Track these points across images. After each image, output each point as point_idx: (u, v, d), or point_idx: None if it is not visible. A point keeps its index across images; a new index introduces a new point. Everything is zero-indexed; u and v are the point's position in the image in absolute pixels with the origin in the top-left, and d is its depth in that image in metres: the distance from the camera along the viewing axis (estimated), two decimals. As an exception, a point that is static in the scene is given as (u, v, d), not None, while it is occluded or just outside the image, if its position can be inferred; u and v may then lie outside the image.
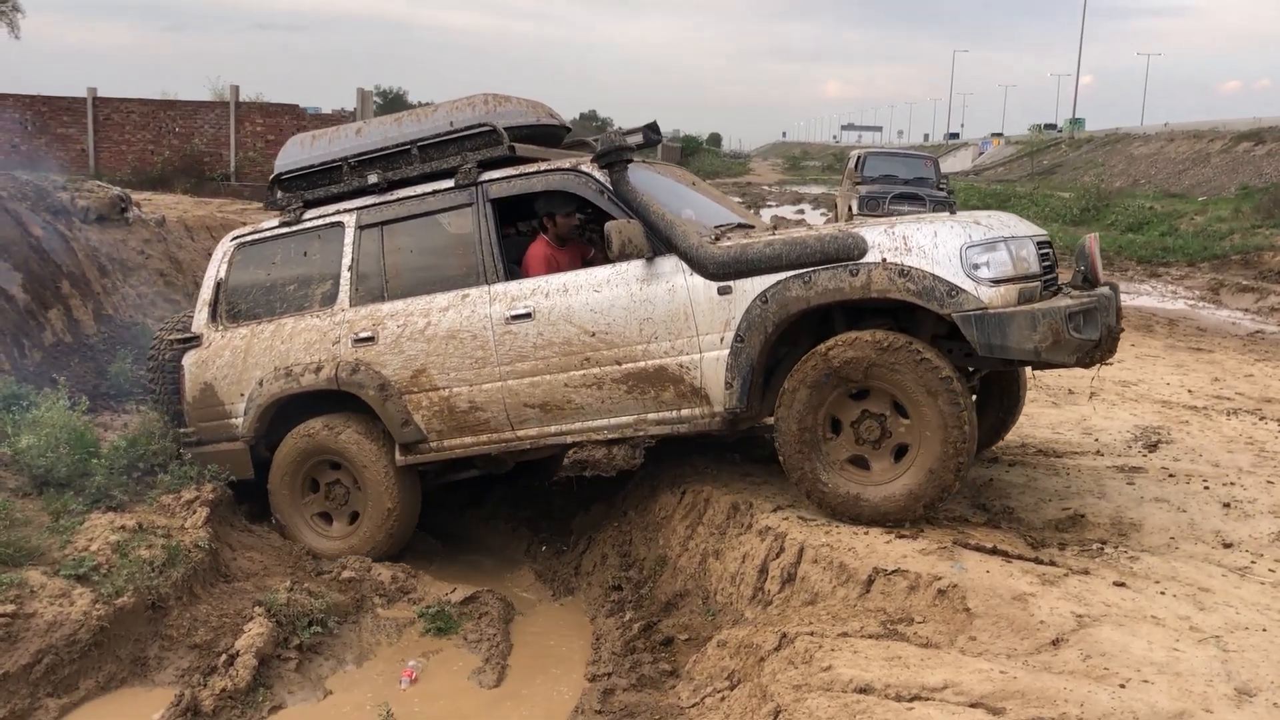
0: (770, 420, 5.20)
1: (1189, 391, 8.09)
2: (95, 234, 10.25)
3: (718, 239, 5.25)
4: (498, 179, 5.70)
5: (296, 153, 6.31)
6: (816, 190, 46.98)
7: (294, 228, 6.22)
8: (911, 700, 3.52)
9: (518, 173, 5.68)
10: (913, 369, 4.68)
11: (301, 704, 4.75)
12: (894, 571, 4.39)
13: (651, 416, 5.36)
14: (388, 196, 5.97)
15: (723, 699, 4.23)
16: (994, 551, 4.54)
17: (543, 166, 5.66)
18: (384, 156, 5.98)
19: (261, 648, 4.78)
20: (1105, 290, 5.11)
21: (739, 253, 5.06)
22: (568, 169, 5.58)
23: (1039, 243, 5.02)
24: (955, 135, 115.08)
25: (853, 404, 4.93)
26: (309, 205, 6.23)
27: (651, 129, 6.11)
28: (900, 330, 4.85)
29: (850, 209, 19.66)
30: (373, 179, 5.98)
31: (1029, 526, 5.09)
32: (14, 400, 6.64)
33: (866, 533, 4.78)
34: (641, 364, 5.28)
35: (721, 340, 5.09)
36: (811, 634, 4.11)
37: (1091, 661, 3.63)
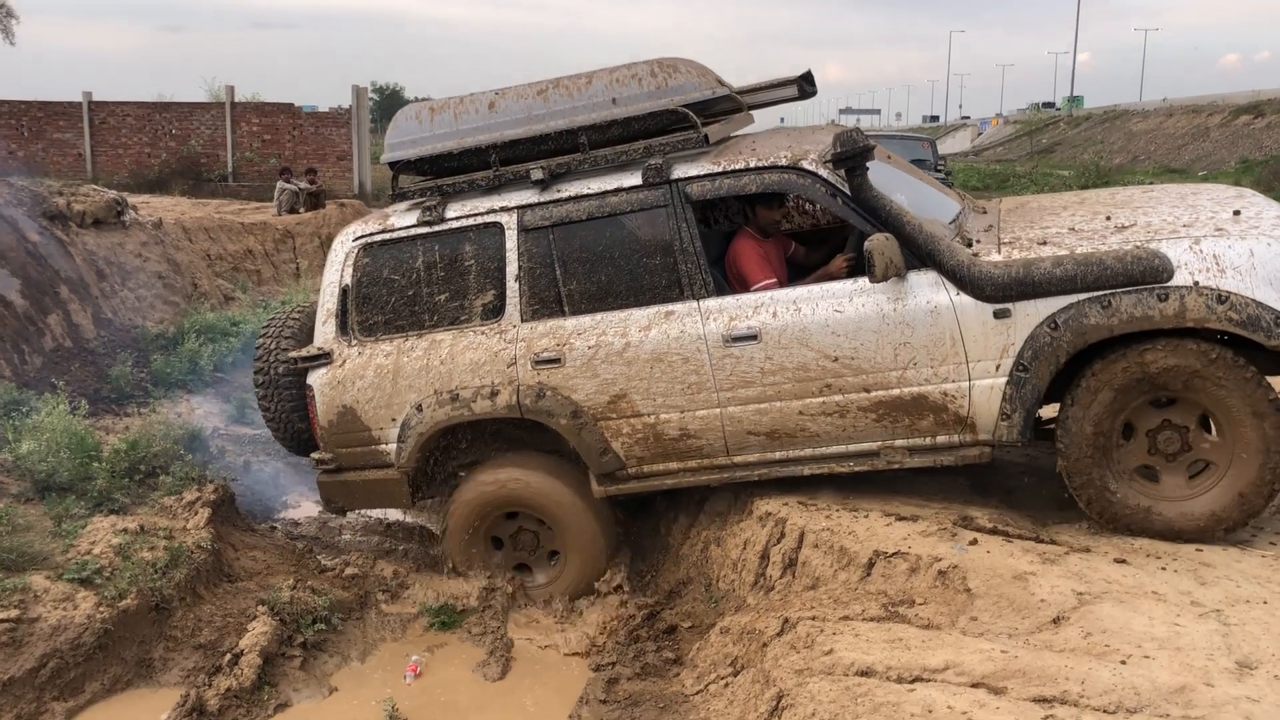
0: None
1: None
2: (92, 238, 10.26)
3: (972, 247, 4.73)
4: (698, 177, 5.00)
5: (414, 129, 5.43)
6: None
7: (436, 227, 5.35)
8: (913, 682, 3.52)
9: (723, 170, 4.98)
10: (1241, 387, 4.29)
11: (307, 701, 4.76)
12: (894, 554, 4.39)
13: (901, 444, 4.82)
14: (553, 193, 5.19)
15: (726, 685, 4.24)
16: (994, 531, 4.54)
17: (753, 163, 4.95)
18: (531, 141, 5.25)
19: (266, 646, 4.79)
20: None
21: (1022, 273, 4.49)
22: (788, 167, 4.88)
23: None
24: (935, 118, 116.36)
25: (1154, 412, 4.52)
26: (447, 198, 5.43)
27: (807, 79, 5.65)
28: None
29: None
30: (537, 175, 5.21)
31: (1029, 506, 5.08)
32: (15, 406, 6.66)
33: (866, 516, 4.78)
34: (896, 392, 4.73)
35: (998, 368, 4.58)
36: (813, 618, 4.11)
37: (1093, 639, 3.63)
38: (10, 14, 28.98)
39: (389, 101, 61.79)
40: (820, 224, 6.29)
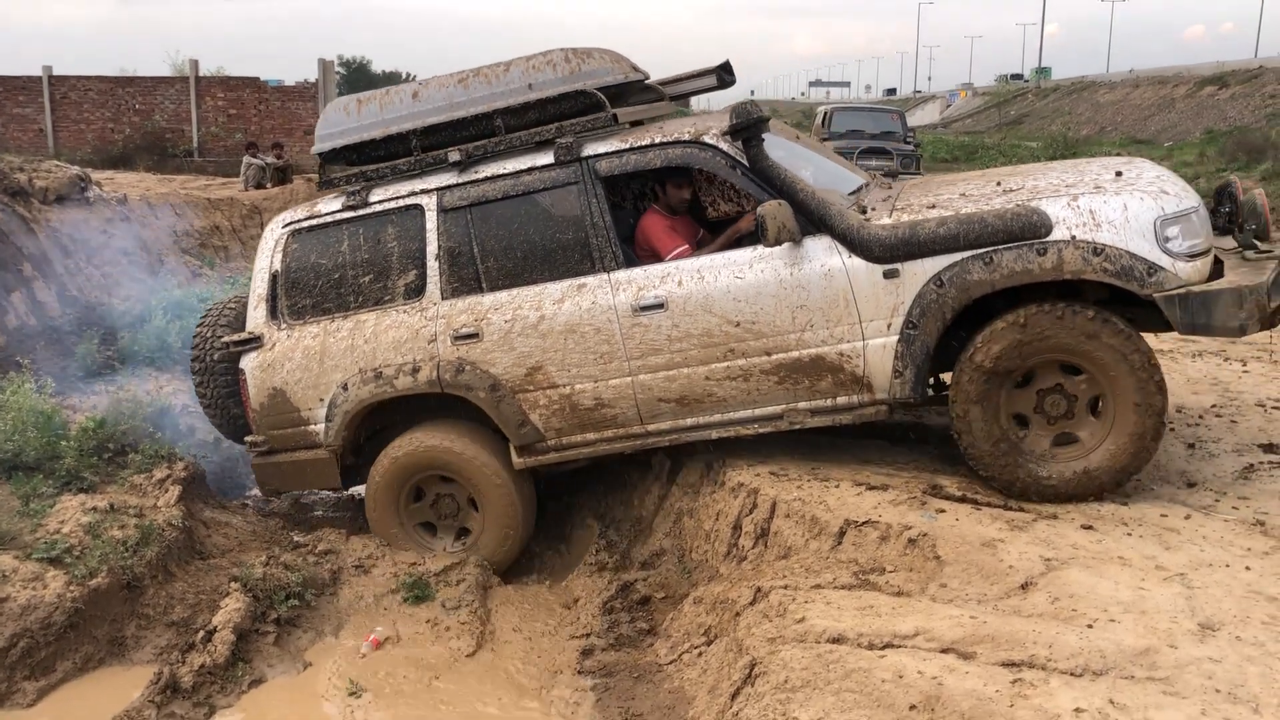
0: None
1: (1154, 336, 8.16)
2: (56, 215, 10.11)
3: (865, 213, 4.90)
4: (607, 154, 5.19)
5: (342, 120, 5.62)
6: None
7: (360, 211, 5.54)
8: (884, 648, 3.57)
9: (629, 146, 5.17)
10: (1112, 340, 4.45)
11: (281, 676, 4.76)
12: (865, 523, 4.43)
13: (804, 406, 4.98)
14: (471, 175, 5.39)
15: (700, 654, 4.28)
16: (963, 499, 4.59)
17: (658, 138, 5.15)
18: (451, 126, 5.42)
19: (239, 623, 4.78)
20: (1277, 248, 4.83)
21: (908, 233, 4.67)
22: (690, 141, 5.08)
23: None
24: (892, 91, 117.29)
25: (1054, 374, 4.64)
26: (371, 183, 5.60)
27: (725, 69, 5.76)
28: (1059, 299, 4.56)
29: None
30: (454, 157, 5.40)
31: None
32: (-21, 385, 6.56)
33: (837, 486, 4.82)
34: (795, 354, 4.90)
35: (889, 326, 4.75)
36: (785, 587, 4.15)
37: (1060, 603, 3.69)
38: (-34, -13, 28.42)
39: (356, 75, 61.19)
40: (728, 214, 6.37)
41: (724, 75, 5.80)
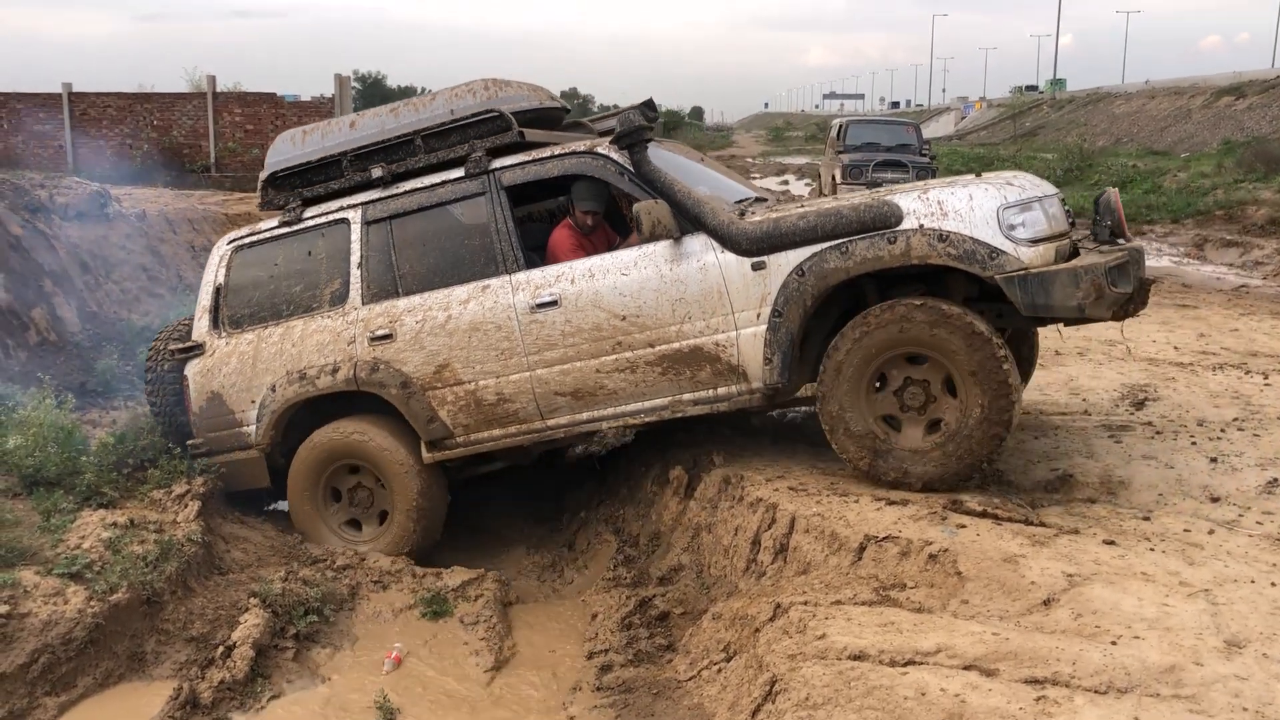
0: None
1: (1175, 348, 8.12)
2: (76, 230, 10.18)
3: (743, 214, 5.21)
4: (510, 165, 5.59)
5: (288, 149, 6.11)
6: (800, 160, 46.89)
7: (295, 227, 6.02)
8: (905, 665, 3.55)
9: (531, 158, 5.58)
10: (955, 330, 4.71)
11: (300, 692, 4.76)
12: (885, 538, 4.41)
13: (688, 397, 5.31)
14: (393, 190, 5.81)
15: (719, 671, 4.26)
16: (984, 515, 4.57)
17: (556, 151, 5.55)
18: (385, 149, 5.82)
19: (258, 638, 4.79)
20: (1137, 243, 5.15)
21: (771, 227, 5.03)
22: (584, 152, 5.48)
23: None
24: (896, 104, 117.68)
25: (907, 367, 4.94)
26: (308, 203, 6.04)
27: (648, 106, 6.05)
28: (931, 294, 4.91)
29: (834, 178, 19.66)
30: (377, 173, 5.81)
31: (1018, 489, 5.11)
32: (0, 401, 6.60)
33: (857, 501, 4.80)
34: (676, 345, 5.23)
35: (758, 316, 5.06)
36: (805, 603, 4.13)
37: (1083, 620, 3.66)
38: (-13, 5, 28.71)
39: (371, 90, 61.54)
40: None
41: (646, 111, 6.02)
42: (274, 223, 6.10)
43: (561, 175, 5.56)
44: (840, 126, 22.11)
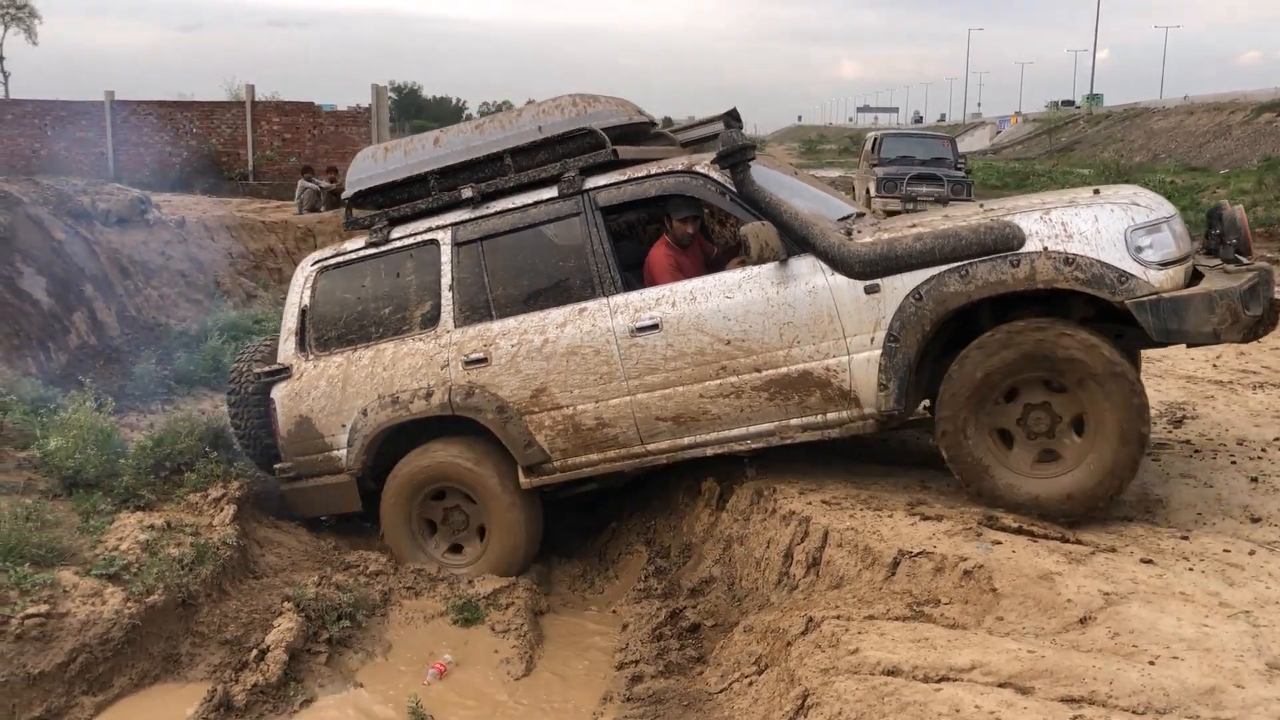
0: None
1: (1214, 366, 8.02)
2: (116, 236, 10.33)
3: (849, 234, 5.06)
4: (606, 185, 5.46)
5: (370, 167, 6.00)
6: (834, 174, 46.72)
7: (382, 248, 5.89)
8: (940, 681, 3.52)
9: (627, 178, 5.44)
10: (1090, 355, 4.52)
11: (332, 696, 4.78)
12: (919, 554, 4.38)
13: (795, 422, 5.13)
14: (483, 210, 5.69)
15: (750, 684, 4.24)
16: (1020, 531, 4.53)
17: (654, 170, 5.42)
18: (469, 166, 5.71)
19: (291, 642, 4.82)
20: (1264, 263, 5.01)
21: (886, 249, 4.85)
22: (682, 171, 5.35)
23: None
24: (919, 119, 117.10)
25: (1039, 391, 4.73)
26: (394, 223, 5.92)
27: (733, 116, 5.98)
28: (1049, 314, 4.73)
29: (868, 191, 19.62)
30: (466, 193, 5.69)
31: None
32: (41, 403, 6.70)
33: (891, 515, 4.78)
34: (784, 370, 5.06)
35: (872, 340, 4.90)
36: (838, 617, 4.11)
37: (1120, 639, 3.62)
38: (33, 14, 29.20)
39: (407, 100, 62.00)
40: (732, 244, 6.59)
41: (730, 121, 5.97)
42: (360, 243, 5.99)
43: (659, 195, 5.45)
44: (875, 140, 22.06)
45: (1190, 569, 4.18)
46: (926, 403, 5.33)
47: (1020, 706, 3.30)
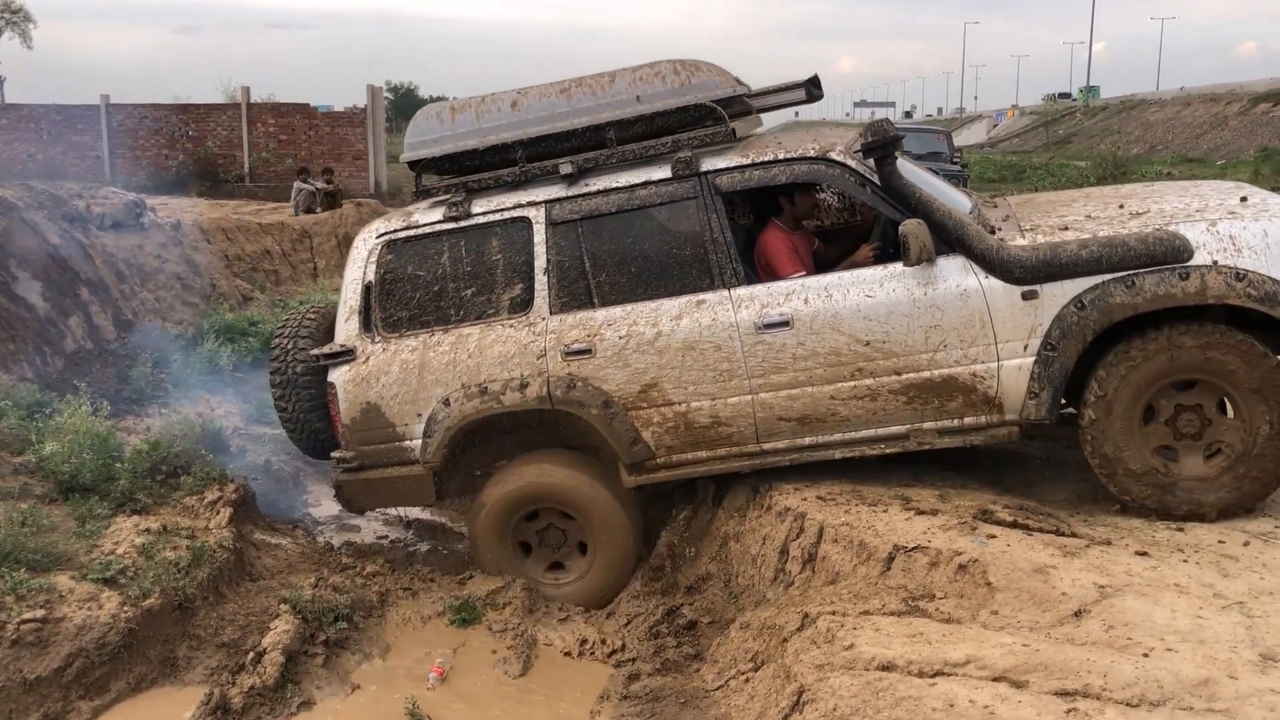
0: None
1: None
2: (112, 240, 10.33)
3: (994, 233, 4.88)
4: (728, 169, 5.12)
5: (435, 128, 5.45)
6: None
7: (462, 223, 5.38)
8: (935, 676, 3.52)
9: (752, 162, 5.11)
10: (1254, 365, 4.53)
11: (330, 699, 4.78)
12: (914, 548, 4.38)
13: (929, 426, 4.95)
14: (582, 187, 5.27)
15: (747, 680, 4.24)
16: (1015, 525, 4.53)
17: (780, 154, 5.08)
18: (556, 137, 5.31)
19: (288, 644, 4.81)
20: None
21: (1050, 255, 4.68)
22: (816, 158, 5.03)
23: None
24: (909, 113, 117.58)
25: (1175, 394, 4.70)
26: (473, 194, 5.44)
27: (814, 84, 5.73)
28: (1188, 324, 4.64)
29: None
30: (566, 169, 5.25)
31: (1049, 499, 5.07)
32: (37, 407, 6.70)
33: (886, 510, 4.77)
34: (926, 374, 4.88)
35: (1025, 348, 4.74)
36: (833, 613, 4.11)
37: (1115, 632, 3.62)
38: (28, 18, 29.20)
39: (404, 101, 61.97)
40: (838, 223, 6.38)
41: (812, 89, 5.71)
42: (432, 215, 5.46)
43: (789, 183, 5.18)
44: (871, 134, 22.05)
45: (1185, 561, 4.18)
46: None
47: (1014, 700, 3.30)
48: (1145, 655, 3.45)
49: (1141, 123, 47.07)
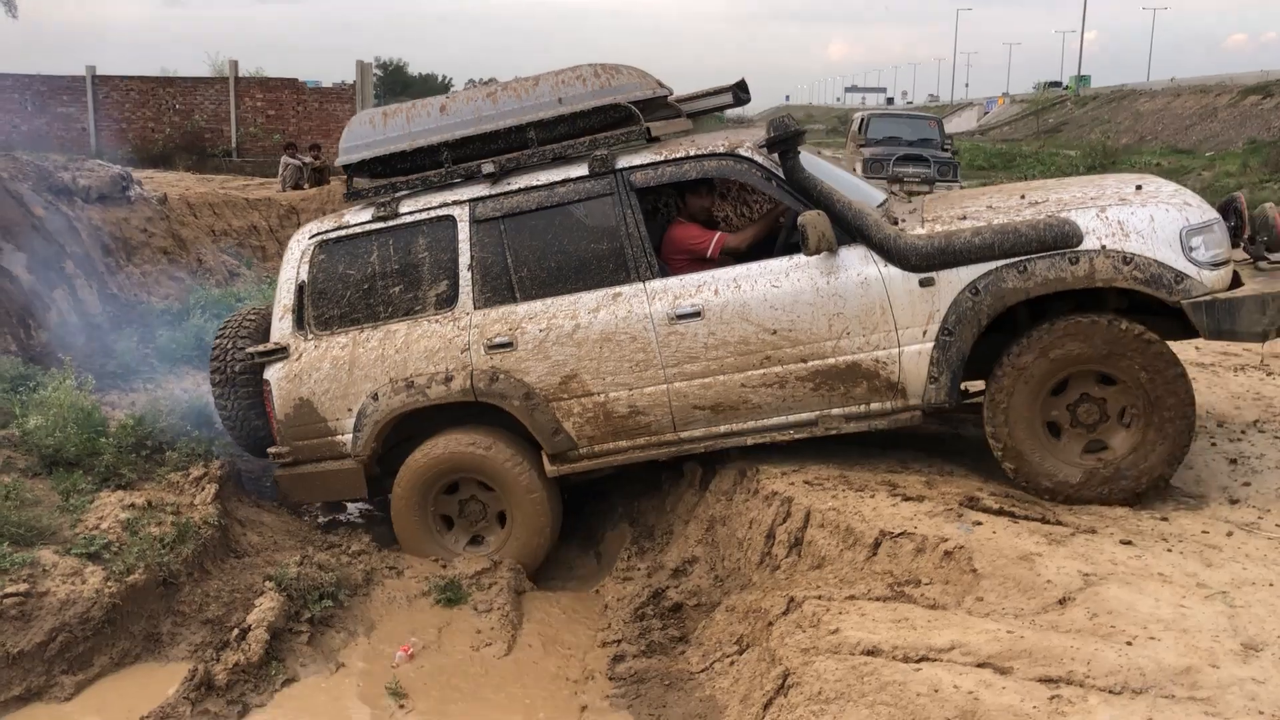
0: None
1: (1195, 348, 8.05)
2: (98, 213, 10.24)
3: (897, 224, 5.01)
4: (642, 166, 5.28)
5: (368, 133, 5.64)
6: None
7: (390, 222, 5.57)
8: (919, 661, 3.54)
9: (664, 158, 5.27)
10: (1139, 350, 4.66)
11: (314, 676, 4.78)
12: (900, 534, 4.39)
13: (837, 412, 5.08)
14: (504, 186, 5.44)
15: (732, 663, 4.26)
16: (1001, 512, 4.55)
17: (693, 151, 5.25)
18: (481, 139, 5.48)
19: (273, 621, 4.80)
20: None
21: (944, 243, 4.82)
22: (725, 154, 5.20)
23: None
24: (891, 100, 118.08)
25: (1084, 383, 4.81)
26: (400, 195, 5.65)
27: (741, 88, 5.85)
28: (1081, 307, 4.81)
29: (855, 171, 19.62)
30: (488, 169, 5.44)
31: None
32: (21, 381, 6.66)
33: (873, 496, 4.79)
34: (831, 361, 5.01)
35: (924, 334, 4.88)
36: (819, 597, 4.13)
37: (1098, 620, 3.64)
38: (13, -14, 28.84)
39: (393, 77, 61.53)
40: (747, 216, 6.56)
41: (739, 93, 5.88)
42: (363, 215, 5.66)
43: (699, 178, 5.37)
44: (862, 120, 22.06)
45: (1169, 550, 4.20)
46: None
47: (999, 686, 3.32)
48: (1129, 643, 3.47)
49: (1132, 113, 47.11)
